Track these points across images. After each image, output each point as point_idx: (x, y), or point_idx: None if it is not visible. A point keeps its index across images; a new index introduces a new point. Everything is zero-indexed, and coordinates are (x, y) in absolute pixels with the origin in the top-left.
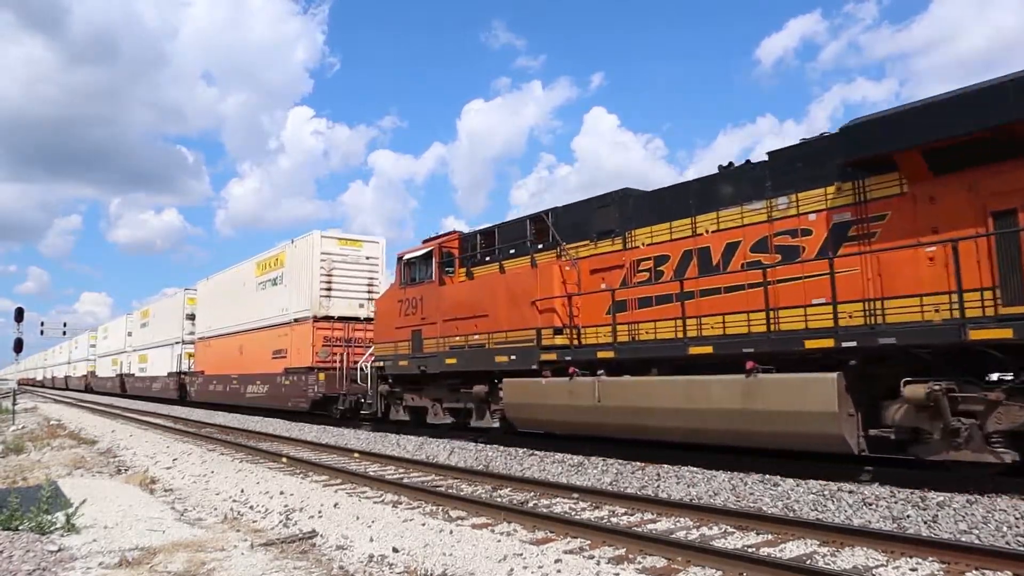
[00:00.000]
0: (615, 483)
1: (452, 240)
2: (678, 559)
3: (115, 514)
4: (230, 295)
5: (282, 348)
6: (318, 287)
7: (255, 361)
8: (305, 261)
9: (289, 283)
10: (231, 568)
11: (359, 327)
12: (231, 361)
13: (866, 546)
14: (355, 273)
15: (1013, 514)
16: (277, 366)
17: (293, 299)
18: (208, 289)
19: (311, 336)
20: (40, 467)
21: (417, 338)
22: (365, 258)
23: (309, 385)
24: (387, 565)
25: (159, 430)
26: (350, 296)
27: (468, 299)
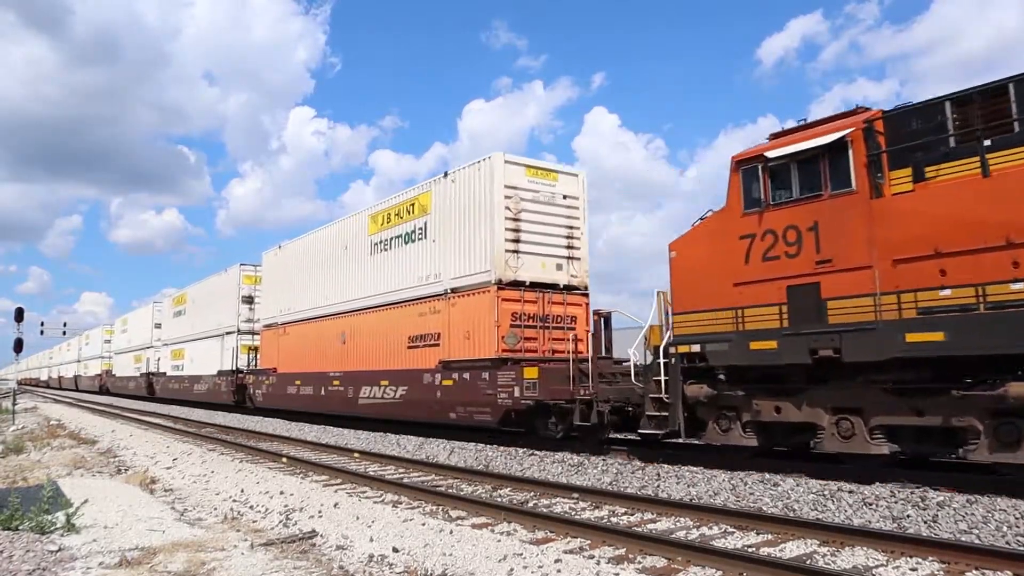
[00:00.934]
0: (615, 483)
1: (875, 120)
2: (678, 559)
3: (115, 514)
4: (319, 266)
5: (429, 332)
6: (502, 237)
7: (374, 353)
8: (478, 200)
9: (442, 236)
10: (231, 568)
11: (557, 299)
12: (325, 354)
13: (866, 546)
14: (550, 219)
15: (1013, 514)
16: (422, 359)
17: (451, 259)
18: (280, 261)
19: (495, 311)
20: (40, 467)
21: (808, 297)
22: (562, 197)
23: (502, 387)
24: (387, 565)
25: (159, 430)
26: (545, 252)
27: (970, 216)
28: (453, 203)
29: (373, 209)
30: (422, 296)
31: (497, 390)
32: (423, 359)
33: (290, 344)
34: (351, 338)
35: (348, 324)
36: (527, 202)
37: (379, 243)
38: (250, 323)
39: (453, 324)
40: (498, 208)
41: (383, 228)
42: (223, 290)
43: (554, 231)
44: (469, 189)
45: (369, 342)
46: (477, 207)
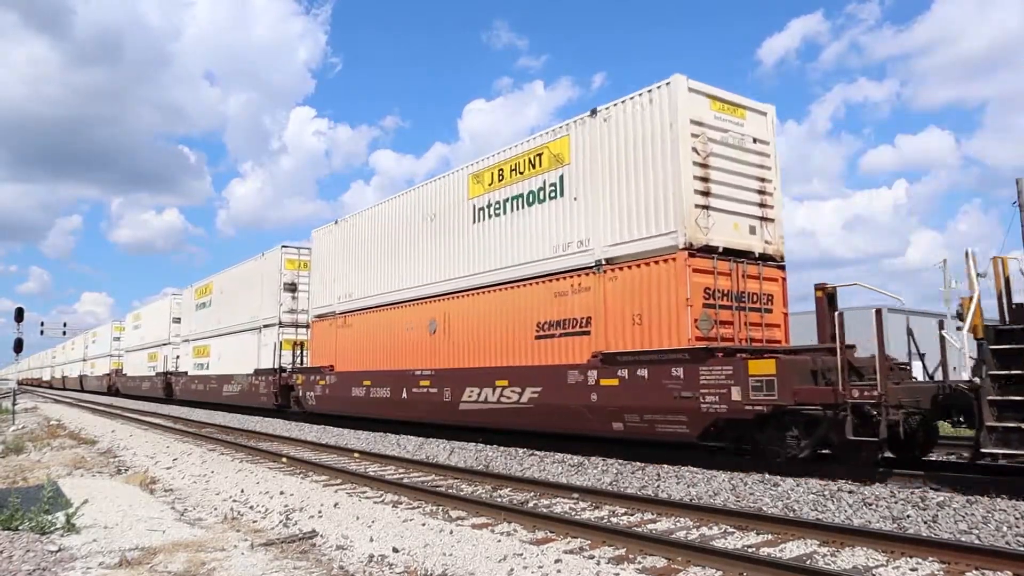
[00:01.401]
0: (615, 483)
1: None
2: (678, 559)
3: (115, 514)
4: (394, 242)
5: (571, 317)
6: (691, 188)
7: (482, 345)
8: (651, 141)
9: (590, 191)
10: (231, 568)
11: (752, 271)
12: (406, 348)
13: (866, 546)
14: (741, 168)
15: (1013, 514)
16: (561, 351)
17: (607, 221)
18: (337, 240)
19: (686, 285)
20: (40, 467)
21: None
22: (752, 140)
23: (709, 387)
24: (387, 565)
25: (159, 430)
26: (736, 210)
27: None
28: (607, 148)
29: (474, 166)
30: (558, 271)
31: (699, 392)
32: (563, 352)
33: (353, 337)
34: (445, 327)
35: (440, 310)
36: (715, 144)
37: (486, 207)
38: (293, 314)
39: (612, 305)
40: (684, 149)
41: (491, 188)
42: (260, 277)
43: (745, 183)
44: (634, 128)
45: (473, 332)
46: (650, 150)
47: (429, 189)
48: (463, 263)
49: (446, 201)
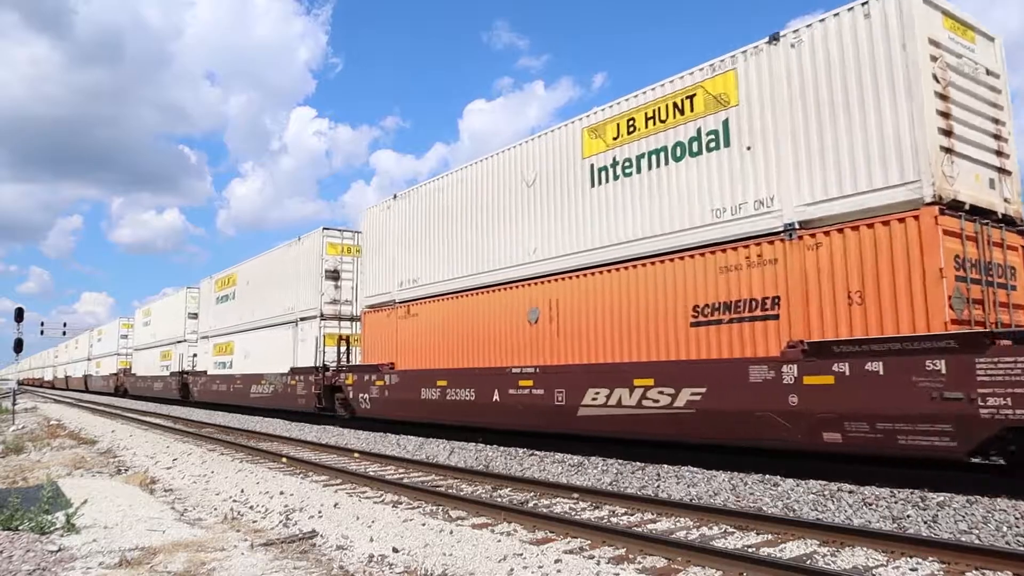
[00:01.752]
0: (615, 483)
1: None
2: (678, 559)
3: (115, 514)
4: (475, 216)
5: (747, 298)
6: (933, 123)
7: (607, 335)
8: (869, 65)
9: (771, 137)
10: (231, 568)
11: (995, 236)
12: (496, 341)
13: (866, 546)
14: (977, 104)
15: (1013, 514)
16: (732, 341)
17: (799, 172)
18: (396, 217)
19: (938, 251)
20: (40, 467)
21: None
22: (985, 71)
23: (989, 385)
24: (387, 565)
25: (159, 430)
26: (976, 157)
27: None
28: (798, 81)
29: (590, 118)
30: (723, 240)
31: (975, 392)
32: (735, 342)
33: (420, 329)
34: (551, 315)
35: (543, 294)
36: (952, 72)
37: (609, 167)
38: (335, 305)
39: (814, 280)
40: (924, 76)
41: (617, 143)
42: (297, 264)
43: (982, 125)
44: (841, 52)
45: (591, 320)
46: (871, 79)
47: (527, 149)
48: (576, 236)
49: (550, 163)
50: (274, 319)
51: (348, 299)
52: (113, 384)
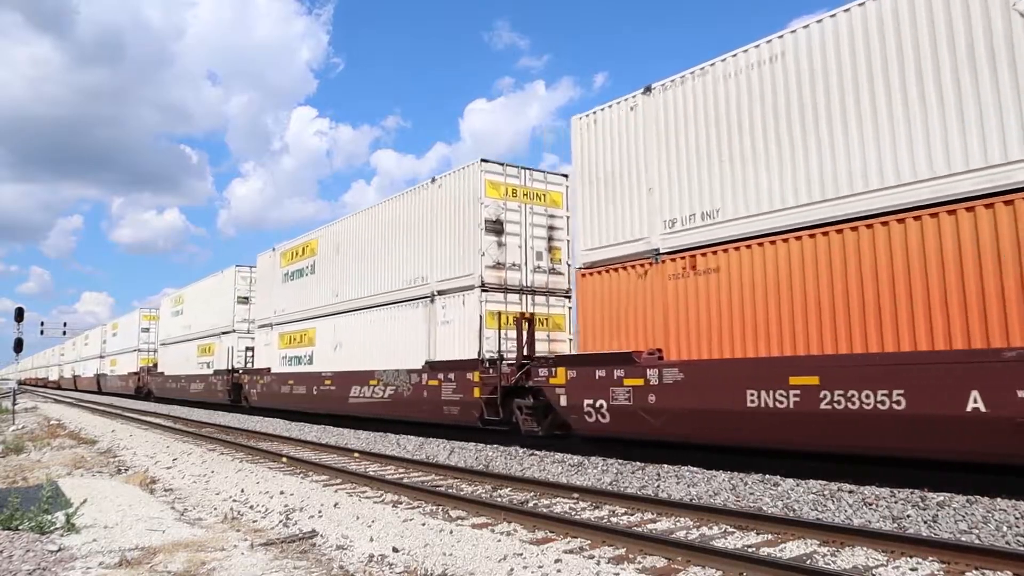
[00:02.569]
0: (615, 483)
1: None
2: (678, 559)
3: (115, 514)
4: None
5: None
6: None
7: None
8: None
9: None
10: (231, 568)
11: None
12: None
13: (866, 546)
14: None
15: (1013, 514)
16: None
17: None
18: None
19: None
20: (40, 467)
21: None
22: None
23: None
24: (387, 565)
25: (159, 430)
26: None
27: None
28: None
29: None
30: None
31: None
32: None
33: (722, 293)
34: None
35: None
36: None
37: None
38: (499, 270)
39: None
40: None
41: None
42: (431, 217)
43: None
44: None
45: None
46: None
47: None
48: None
49: None
50: (390, 295)
51: (515, 262)
52: (133, 385)
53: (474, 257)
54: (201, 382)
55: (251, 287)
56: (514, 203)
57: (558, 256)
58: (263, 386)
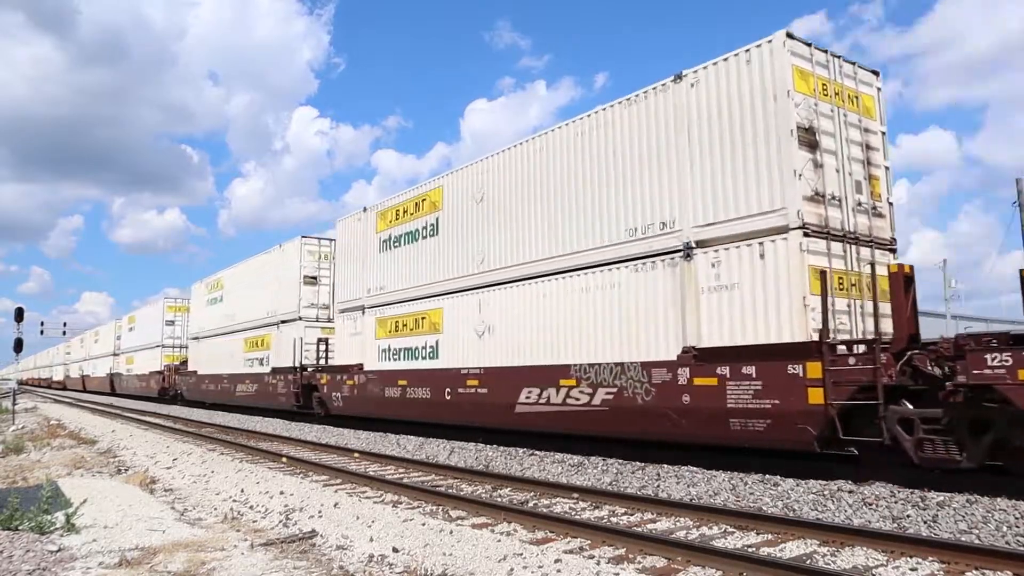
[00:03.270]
0: (615, 483)
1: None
2: (678, 559)
3: (115, 514)
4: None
5: None
6: None
7: None
8: None
9: None
10: (231, 568)
11: None
12: None
13: (866, 546)
14: None
15: (1013, 514)
16: None
17: None
18: None
19: None
20: (40, 467)
21: None
22: None
23: None
24: (387, 565)
25: (159, 430)
26: None
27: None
28: None
29: None
30: None
31: None
32: None
33: None
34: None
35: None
36: None
37: None
38: (817, 204)
39: None
40: None
41: None
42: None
43: None
44: None
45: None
46: None
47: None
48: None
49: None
50: (595, 253)
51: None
52: (156, 385)
53: (786, 182)
54: (253, 383)
55: (320, 264)
56: (826, 105)
57: (878, 190)
58: (354, 388)
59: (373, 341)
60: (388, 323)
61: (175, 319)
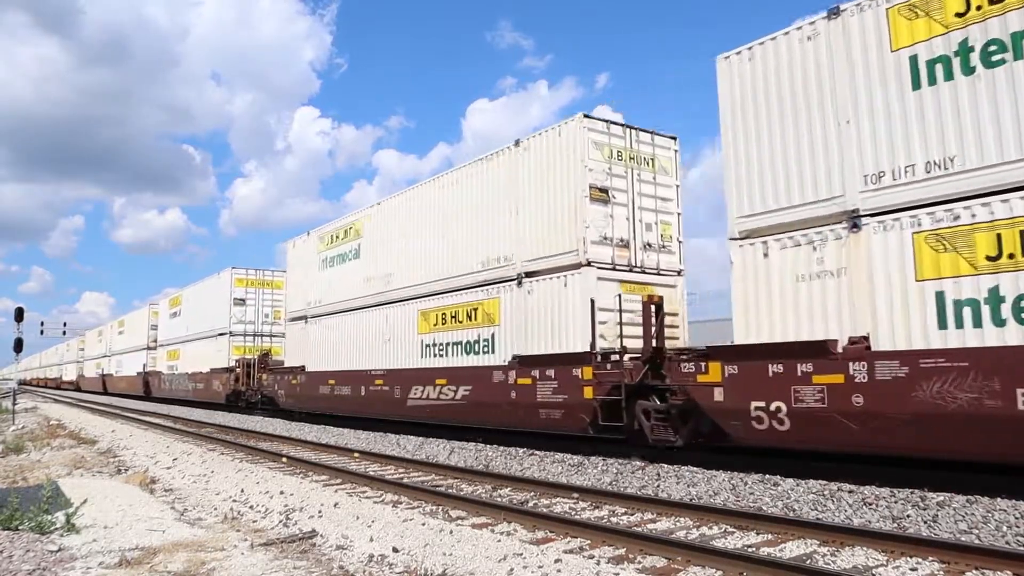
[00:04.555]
0: (615, 483)
1: None
2: (678, 559)
3: (115, 514)
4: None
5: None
6: None
7: None
8: None
9: None
10: (231, 568)
11: None
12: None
13: (866, 546)
14: None
15: (1013, 514)
16: None
17: None
18: None
19: None
20: (40, 467)
21: None
22: None
23: None
24: (387, 565)
25: (159, 430)
26: None
27: None
28: None
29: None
30: None
31: None
32: None
33: None
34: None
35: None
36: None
37: None
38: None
39: None
40: None
41: None
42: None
43: None
44: None
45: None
46: None
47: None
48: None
49: None
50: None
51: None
52: (225, 388)
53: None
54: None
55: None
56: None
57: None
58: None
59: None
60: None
61: (247, 297)
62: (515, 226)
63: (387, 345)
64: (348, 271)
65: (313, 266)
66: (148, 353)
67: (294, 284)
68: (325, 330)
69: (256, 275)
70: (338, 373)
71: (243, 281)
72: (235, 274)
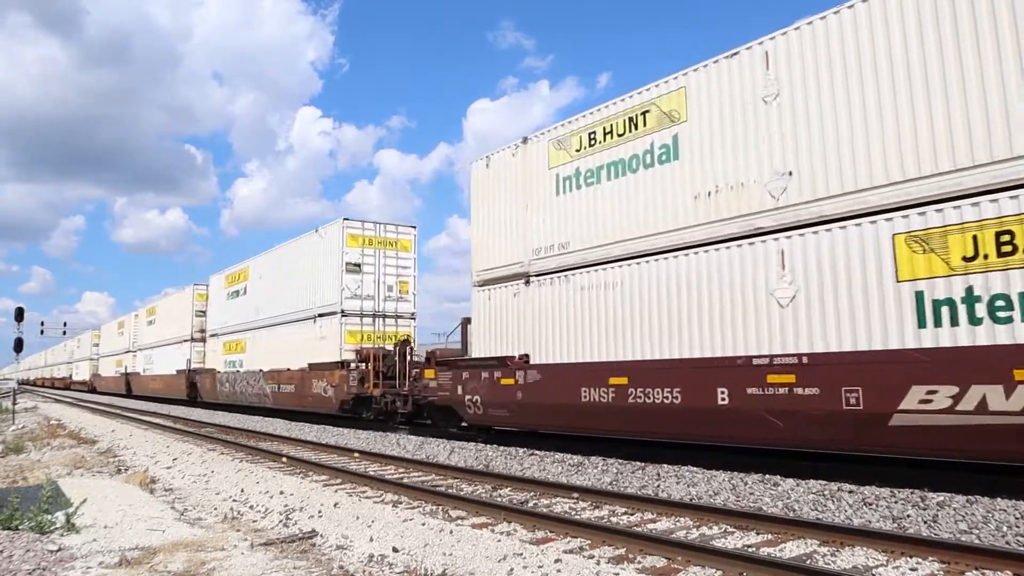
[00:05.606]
0: (615, 483)
1: None
2: (678, 559)
3: (115, 514)
4: None
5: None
6: None
7: None
8: None
9: None
10: (231, 568)
11: None
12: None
13: (866, 546)
14: None
15: (1013, 514)
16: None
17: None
18: None
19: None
20: (40, 467)
21: None
22: None
23: None
24: (387, 565)
25: (159, 430)
26: None
27: None
28: None
29: None
30: None
31: None
32: None
33: None
34: None
35: None
36: None
37: None
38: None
39: None
40: None
41: None
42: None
43: None
44: None
45: None
46: None
47: None
48: None
49: None
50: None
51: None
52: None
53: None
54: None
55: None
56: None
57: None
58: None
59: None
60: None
61: (362, 261)
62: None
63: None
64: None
65: (543, 185)
66: (192, 346)
67: (491, 227)
68: (581, 292)
69: (375, 231)
70: (635, 365)
71: (358, 239)
72: (348, 228)
